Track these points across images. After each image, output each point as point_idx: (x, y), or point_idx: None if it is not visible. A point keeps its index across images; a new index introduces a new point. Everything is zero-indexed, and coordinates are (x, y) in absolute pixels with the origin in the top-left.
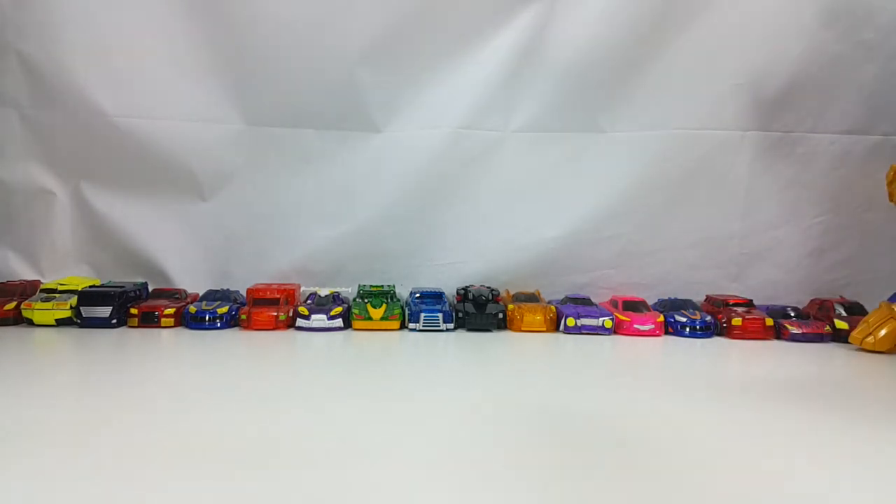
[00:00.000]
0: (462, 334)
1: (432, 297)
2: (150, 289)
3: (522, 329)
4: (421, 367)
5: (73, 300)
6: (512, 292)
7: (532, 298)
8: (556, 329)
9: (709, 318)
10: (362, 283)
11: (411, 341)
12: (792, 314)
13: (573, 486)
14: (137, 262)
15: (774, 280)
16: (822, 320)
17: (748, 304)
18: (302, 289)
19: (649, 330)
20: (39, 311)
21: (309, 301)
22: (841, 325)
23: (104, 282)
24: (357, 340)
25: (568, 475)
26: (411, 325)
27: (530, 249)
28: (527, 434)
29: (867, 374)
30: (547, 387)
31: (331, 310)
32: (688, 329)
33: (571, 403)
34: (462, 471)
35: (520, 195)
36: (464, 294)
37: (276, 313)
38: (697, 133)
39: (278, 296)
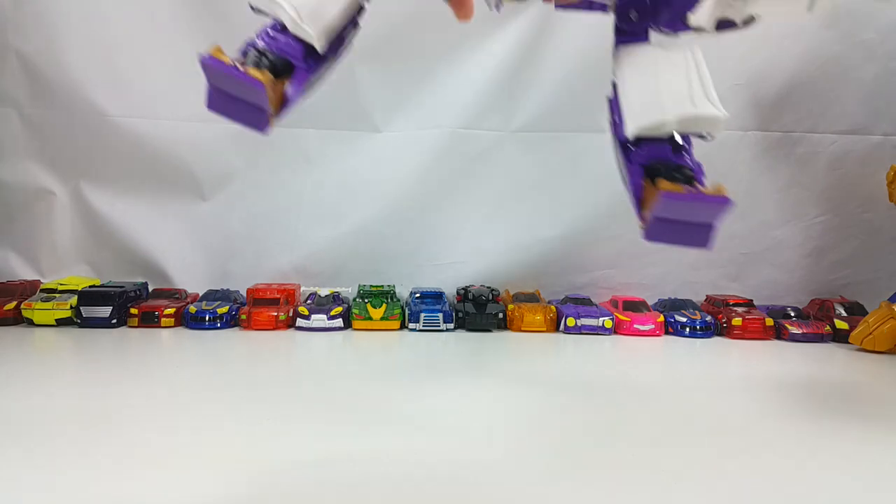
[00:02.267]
0: (462, 334)
1: (432, 297)
2: (150, 289)
3: (522, 329)
4: (421, 368)
5: (73, 300)
6: (512, 292)
7: (532, 298)
8: (556, 329)
9: (709, 318)
10: (362, 283)
11: (411, 341)
12: (792, 314)
13: (572, 485)
14: (137, 262)
15: (774, 280)
16: (822, 320)
17: (748, 304)
18: (302, 289)
19: (649, 330)
20: (39, 311)
21: (309, 301)
22: (841, 325)
23: (104, 282)
24: (357, 340)
25: (568, 475)
26: (411, 325)
27: (530, 249)
28: (527, 434)
29: (867, 374)
30: (547, 387)
31: (331, 310)
32: (688, 329)
33: (572, 404)
34: (462, 470)
35: (520, 195)
36: (464, 294)
37: (276, 313)
38: None
39: (278, 296)
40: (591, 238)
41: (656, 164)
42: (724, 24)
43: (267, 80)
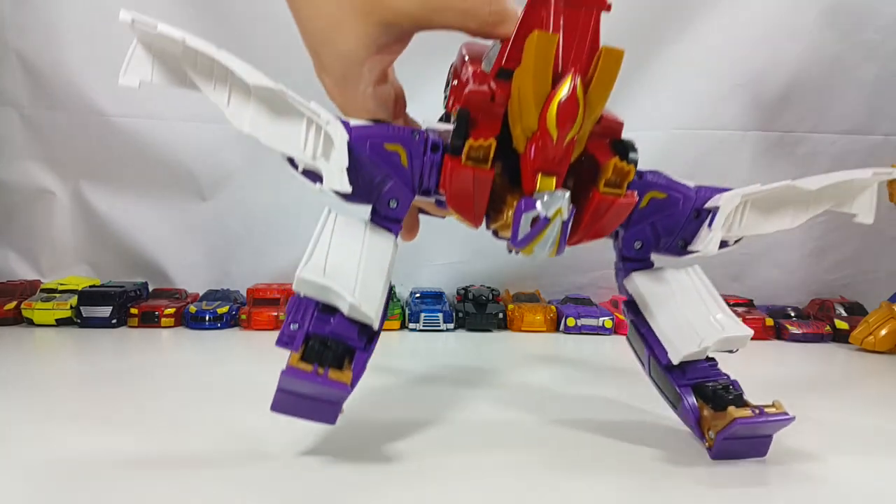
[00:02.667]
0: (462, 334)
1: (432, 297)
2: (150, 289)
3: (522, 329)
4: (421, 368)
5: (73, 300)
6: (512, 292)
7: (532, 298)
8: (556, 329)
9: None
10: None
11: (411, 341)
12: (792, 314)
13: (573, 486)
14: (137, 262)
15: (774, 280)
16: (823, 320)
17: (748, 304)
18: None
19: None
20: (40, 310)
21: None
22: (841, 325)
23: (104, 282)
24: None
25: (567, 476)
26: (411, 325)
27: None
28: (527, 434)
29: (867, 374)
30: (547, 387)
31: None
32: None
33: (572, 403)
34: (460, 470)
35: None
36: (464, 294)
37: (276, 313)
38: (698, 133)
39: (278, 296)
40: None
41: (702, 382)
42: (720, 245)
43: (349, 380)
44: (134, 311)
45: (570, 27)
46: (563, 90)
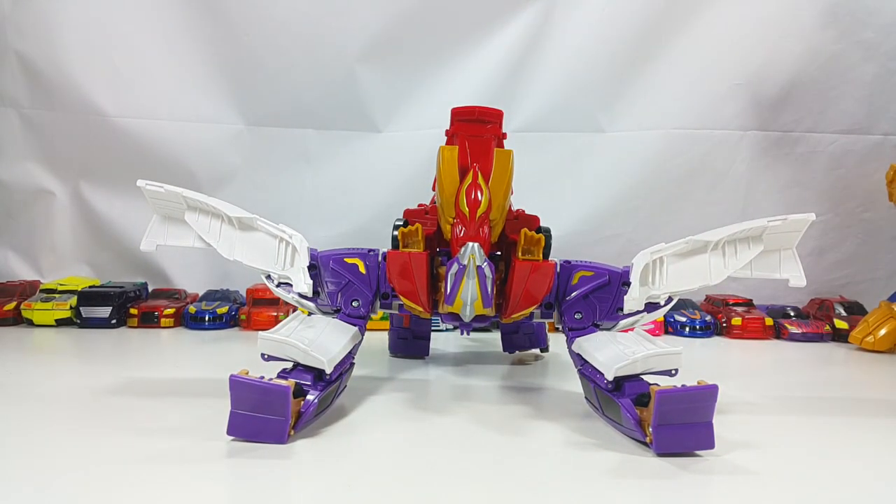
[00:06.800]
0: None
1: None
2: (150, 289)
3: None
4: (420, 368)
5: (73, 300)
6: None
7: None
8: (556, 329)
9: (709, 317)
10: None
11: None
12: (792, 314)
13: (574, 487)
14: (137, 263)
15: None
16: (822, 320)
17: (748, 303)
18: None
19: (649, 329)
20: (39, 311)
21: None
22: (841, 324)
23: (104, 282)
24: None
25: (565, 477)
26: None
27: None
28: (527, 435)
29: (867, 374)
30: (547, 387)
31: None
32: (687, 329)
33: (571, 403)
34: (462, 470)
35: (518, 195)
36: None
37: (275, 313)
38: (697, 133)
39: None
40: (591, 238)
41: (641, 396)
42: (651, 307)
43: (292, 384)
44: (133, 311)
45: (473, 140)
46: (468, 179)
